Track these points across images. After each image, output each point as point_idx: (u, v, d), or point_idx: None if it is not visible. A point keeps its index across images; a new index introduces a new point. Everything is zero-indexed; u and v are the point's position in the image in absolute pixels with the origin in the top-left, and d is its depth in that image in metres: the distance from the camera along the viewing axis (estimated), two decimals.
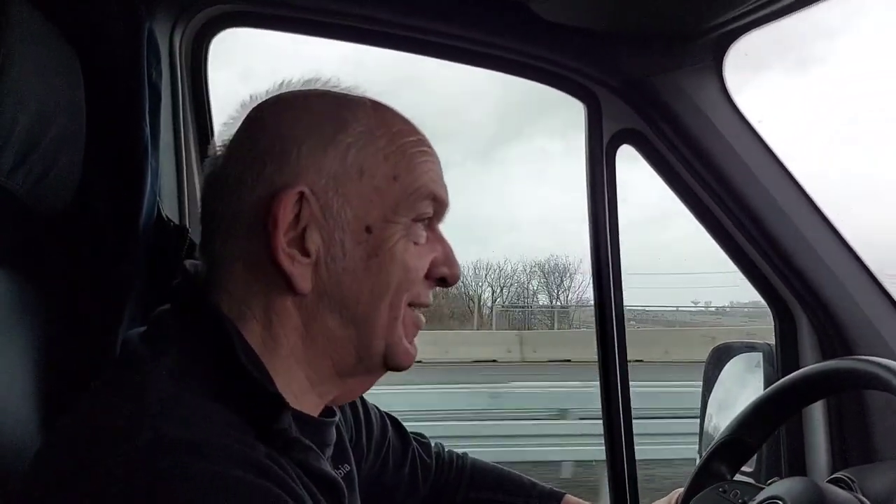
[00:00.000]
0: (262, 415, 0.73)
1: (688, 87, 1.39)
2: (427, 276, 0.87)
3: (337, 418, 0.92)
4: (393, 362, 0.86)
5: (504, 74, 1.47)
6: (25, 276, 0.99)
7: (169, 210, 1.22)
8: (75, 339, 1.01)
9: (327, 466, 0.81)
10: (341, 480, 0.83)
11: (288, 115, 0.84)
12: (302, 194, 0.79)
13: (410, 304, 0.86)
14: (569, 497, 1.25)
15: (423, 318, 0.90)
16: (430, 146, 0.89)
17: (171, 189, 1.31)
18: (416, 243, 0.85)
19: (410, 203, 0.83)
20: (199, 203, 1.46)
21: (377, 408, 1.19)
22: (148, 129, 1.08)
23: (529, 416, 7.40)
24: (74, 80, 0.97)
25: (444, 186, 0.89)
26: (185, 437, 0.65)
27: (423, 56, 1.46)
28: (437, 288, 0.90)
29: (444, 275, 0.89)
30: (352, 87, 0.90)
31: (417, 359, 0.90)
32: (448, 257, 0.89)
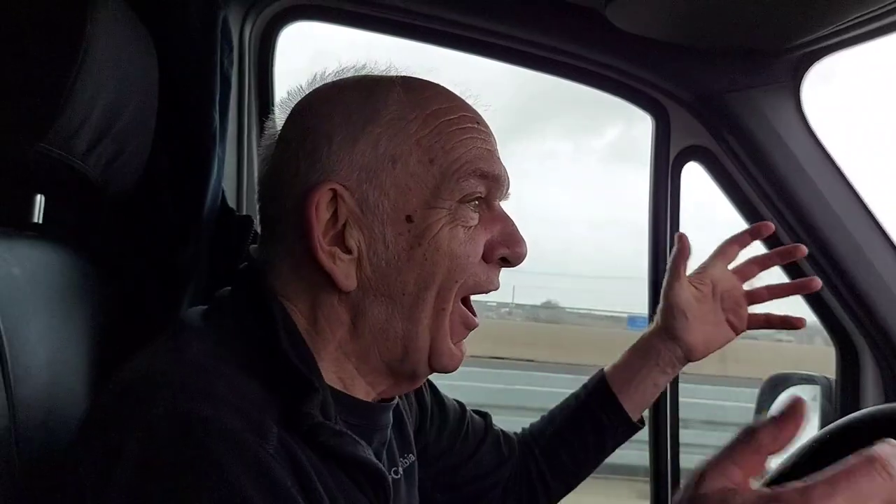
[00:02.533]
0: (291, 396, 0.72)
1: (764, 107, 1.35)
2: (487, 259, 0.83)
3: (394, 402, 0.89)
4: (438, 363, 0.83)
5: (519, 76, 1.45)
6: (89, 256, 0.99)
7: (229, 201, 1.21)
8: (133, 325, 1.01)
9: (365, 452, 0.78)
10: (382, 467, 0.80)
11: (318, 111, 0.82)
12: (335, 191, 0.77)
13: (468, 297, 0.83)
14: (606, 369, 1.21)
15: (474, 320, 0.85)
16: (475, 120, 0.84)
17: (232, 180, 1.30)
18: (465, 227, 0.80)
19: (452, 184, 0.79)
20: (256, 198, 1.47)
21: (458, 402, 1.17)
22: (217, 118, 1.07)
23: None
24: (150, 65, 0.97)
25: (494, 161, 0.83)
26: (195, 412, 0.64)
27: (490, 59, 1.44)
28: None
29: (504, 255, 0.84)
30: (387, 68, 0.87)
31: None
32: (508, 236, 0.84)
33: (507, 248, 0.83)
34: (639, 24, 1.29)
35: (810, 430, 1.46)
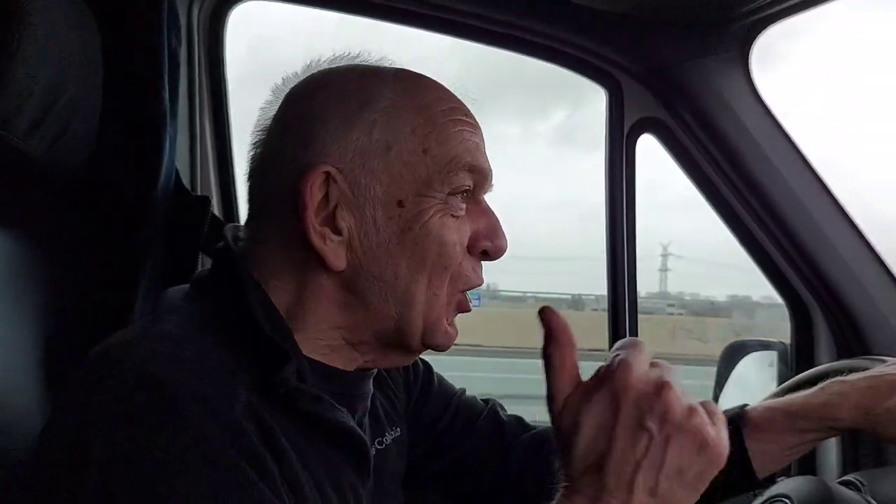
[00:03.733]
0: (265, 366, 0.73)
1: (713, 77, 1.36)
2: (470, 251, 0.84)
3: (373, 371, 0.90)
4: (431, 342, 0.84)
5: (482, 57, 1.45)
6: (40, 240, 0.98)
7: (182, 181, 1.20)
8: (88, 308, 1.00)
9: (345, 418, 0.80)
10: (362, 433, 0.82)
11: (313, 96, 0.84)
12: (328, 174, 0.79)
13: (461, 291, 0.85)
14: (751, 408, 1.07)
15: (468, 304, 0.87)
16: (466, 114, 0.86)
17: (185, 160, 1.30)
18: (454, 216, 0.82)
19: (444, 176, 0.81)
20: (212, 174, 1.47)
21: (477, 399, 1.12)
22: (167, 96, 1.06)
23: None
24: (92, 42, 0.96)
25: (483, 155, 0.86)
26: (166, 375, 0.65)
27: (441, 35, 1.43)
28: None
29: (486, 248, 0.85)
30: (381, 59, 0.89)
31: None
32: (491, 229, 0.86)
33: (489, 242, 0.85)
34: None
35: (769, 391, 1.50)
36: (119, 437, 0.63)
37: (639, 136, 1.48)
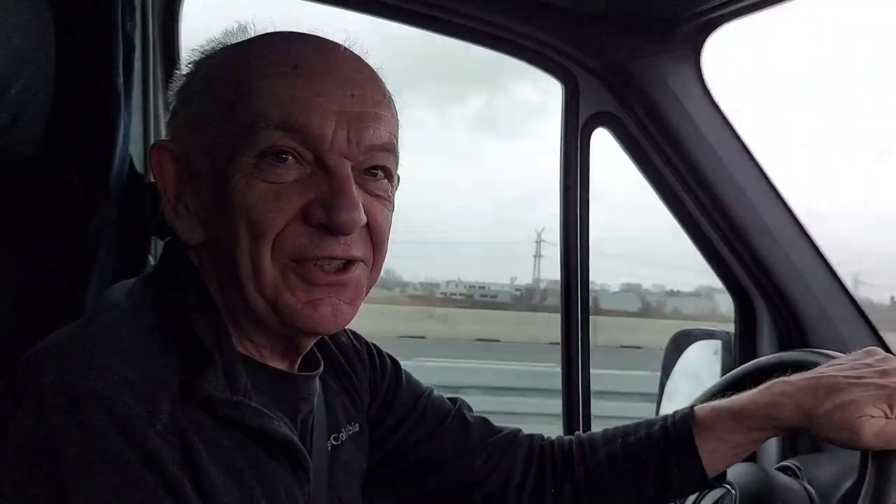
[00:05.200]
0: (191, 369, 0.72)
1: (666, 75, 1.39)
2: (307, 222, 0.75)
3: (318, 371, 0.88)
4: (289, 321, 0.77)
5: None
6: None
7: (136, 166, 1.18)
8: (40, 294, 0.99)
9: (274, 424, 0.76)
10: (294, 439, 0.80)
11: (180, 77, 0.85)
12: (165, 149, 0.80)
13: (299, 260, 0.76)
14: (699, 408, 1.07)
15: (317, 275, 0.76)
16: (294, 64, 0.76)
17: (139, 145, 1.27)
18: (268, 182, 0.74)
19: (246, 135, 0.74)
20: None
21: (442, 397, 1.11)
22: (121, 80, 1.04)
23: None
24: (44, 27, 0.94)
25: (315, 111, 0.74)
26: (83, 384, 0.65)
27: (397, 23, 1.42)
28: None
29: (319, 220, 0.75)
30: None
31: None
32: (330, 200, 0.74)
33: (323, 213, 0.75)
34: None
35: (712, 379, 1.55)
36: (35, 462, 0.63)
37: (594, 129, 1.50)
